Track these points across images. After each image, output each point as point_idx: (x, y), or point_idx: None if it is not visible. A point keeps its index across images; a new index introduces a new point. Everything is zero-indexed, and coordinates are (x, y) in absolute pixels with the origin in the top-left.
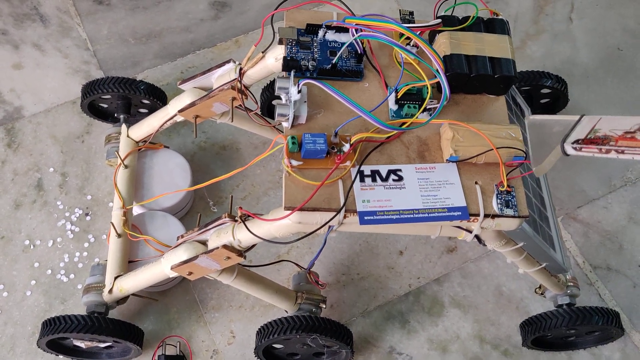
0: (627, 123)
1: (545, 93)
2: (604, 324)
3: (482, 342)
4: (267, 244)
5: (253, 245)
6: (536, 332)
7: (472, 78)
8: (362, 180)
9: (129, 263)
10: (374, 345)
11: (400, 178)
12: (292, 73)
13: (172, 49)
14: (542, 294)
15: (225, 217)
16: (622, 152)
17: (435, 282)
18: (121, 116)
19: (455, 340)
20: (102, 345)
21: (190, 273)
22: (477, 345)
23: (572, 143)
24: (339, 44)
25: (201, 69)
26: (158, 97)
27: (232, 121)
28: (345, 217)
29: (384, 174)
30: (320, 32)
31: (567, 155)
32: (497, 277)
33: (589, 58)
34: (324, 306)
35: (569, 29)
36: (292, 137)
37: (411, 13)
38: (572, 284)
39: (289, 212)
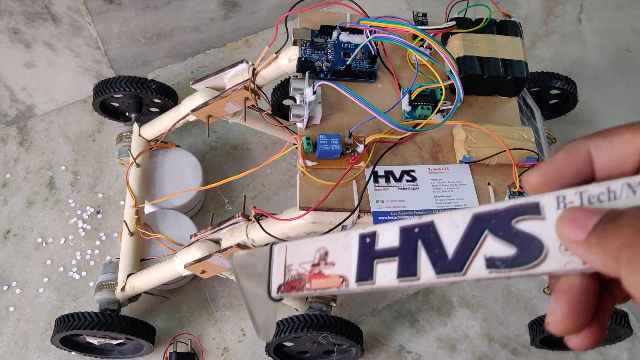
0: (310, 250)
1: (555, 94)
2: (612, 324)
3: (491, 341)
4: None
5: (266, 245)
6: (545, 331)
7: (484, 80)
8: (375, 180)
9: (141, 261)
10: (384, 343)
11: (414, 179)
12: (307, 74)
13: (183, 48)
14: (550, 293)
15: (238, 217)
16: (312, 291)
17: None
18: (132, 115)
19: (464, 339)
20: (115, 342)
21: (203, 271)
22: (485, 344)
23: (277, 290)
24: (352, 46)
25: (211, 68)
26: (169, 97)
27: (245, 121)
28: (359, 217)
29: (397, 175)
30: (334, 34)
31: (279, 300)
32: None
33: (598, 59)
34: (335, 305)
35: (578, 30)
36: (307, 138)
37: (424, 15)
38: None
39: (303, 211)
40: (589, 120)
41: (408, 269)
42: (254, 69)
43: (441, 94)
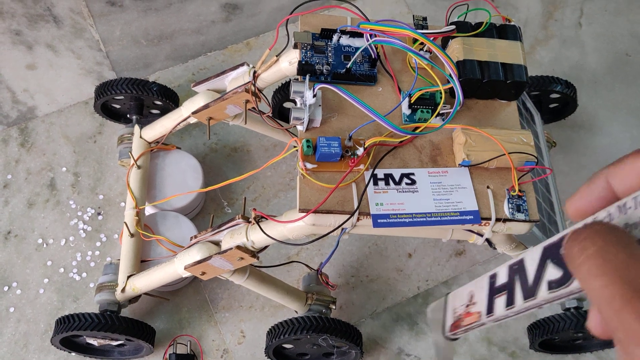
0: (465, 294)
1: (555, 98)
2: None
3: (490, 345)
4: (277, 245)
5: (266, 247)
6: (544, 335)
7: (484, 83)
8: (375, 183)
9: (141, 262)
10: (383, 346)
11: (413, 182)
12: (307, 77)
13: (184, 50)
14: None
15: (238, 219)
16: (467, 330)
17: (444, 285)
18: (133, 117)
19: (463, 342)
20: (115, 343)
21: (203, 273)
22: (484, 348)
23: (449, 331)
24: (353, 49)
25: (212, 70)
26: (170, 99)
27: (246, 123)
28: (358, 219)
29: (397, 178)
30: (335, 37)
31: (456, 339)
32: None
33: (597, 63)
34: (334, 307)
35: (577, 35)
36: (307, 141)
37: (424, 19)
38: None
39: (303, 214)
40: (588, 124)
41: (510, 299)
42: (254, 72)
43: (441, 98)
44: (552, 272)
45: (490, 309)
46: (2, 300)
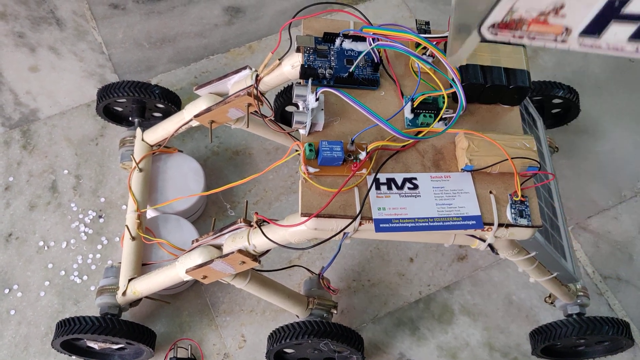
0: (544, 2)
1: (557, 103)
2: (614, 334)
3: (492, 350)
4: (278, 249)
5: (267, 250)
6: (546, 341)
7: (487, 88)
8: (377, 188)
9: (143, 266)
10: (384, 351)
11: (416, 186)
12: (310, 81)
13: (186, 53)
14: (552, 303)
15: (240, 222)
16: (534, 38)
17: (446, 290)
18: (135, 120)
19: (464, 347)
20: (115, 346)
21: (204, 277)
22: (486, 353)
23: (489, 27)
24: (355, 53)
25: (215, 74)
26: (172, 102)
27: (248, 127)
28: (360, 224)
29: (399, 182)
30: (338, 41)
31: (486, 40)
32: (507, 286)
33: (600, 69)
34: (335, 312)
35: None
36: (310, 145)
37: (427, 23)
38: (582, 293)
39: (305, 218)
40: (591, 129)
41: None
42: (257, 75)
43: (443, 102)
44: None
45: (595, 30)
46: (3, 303)
